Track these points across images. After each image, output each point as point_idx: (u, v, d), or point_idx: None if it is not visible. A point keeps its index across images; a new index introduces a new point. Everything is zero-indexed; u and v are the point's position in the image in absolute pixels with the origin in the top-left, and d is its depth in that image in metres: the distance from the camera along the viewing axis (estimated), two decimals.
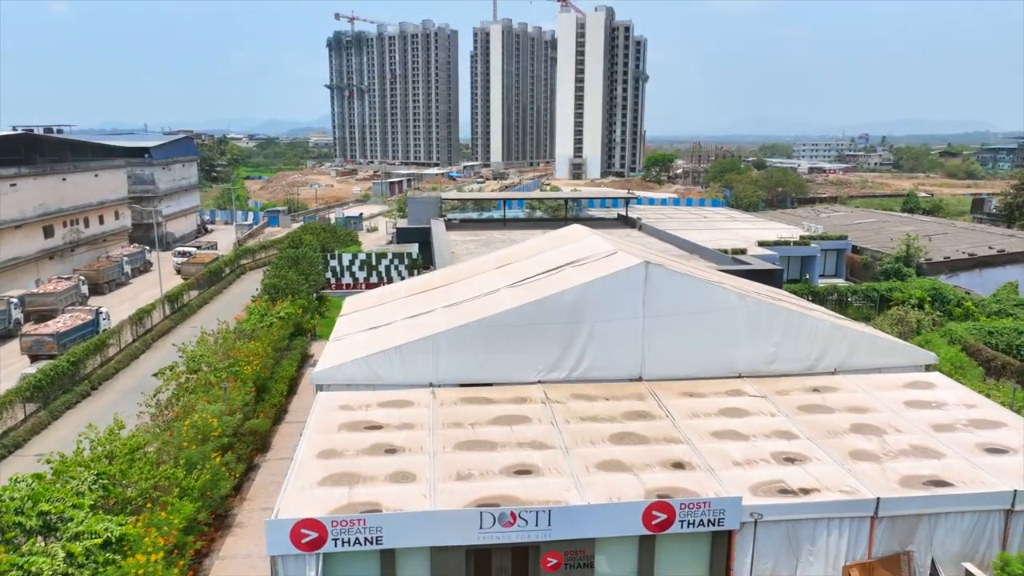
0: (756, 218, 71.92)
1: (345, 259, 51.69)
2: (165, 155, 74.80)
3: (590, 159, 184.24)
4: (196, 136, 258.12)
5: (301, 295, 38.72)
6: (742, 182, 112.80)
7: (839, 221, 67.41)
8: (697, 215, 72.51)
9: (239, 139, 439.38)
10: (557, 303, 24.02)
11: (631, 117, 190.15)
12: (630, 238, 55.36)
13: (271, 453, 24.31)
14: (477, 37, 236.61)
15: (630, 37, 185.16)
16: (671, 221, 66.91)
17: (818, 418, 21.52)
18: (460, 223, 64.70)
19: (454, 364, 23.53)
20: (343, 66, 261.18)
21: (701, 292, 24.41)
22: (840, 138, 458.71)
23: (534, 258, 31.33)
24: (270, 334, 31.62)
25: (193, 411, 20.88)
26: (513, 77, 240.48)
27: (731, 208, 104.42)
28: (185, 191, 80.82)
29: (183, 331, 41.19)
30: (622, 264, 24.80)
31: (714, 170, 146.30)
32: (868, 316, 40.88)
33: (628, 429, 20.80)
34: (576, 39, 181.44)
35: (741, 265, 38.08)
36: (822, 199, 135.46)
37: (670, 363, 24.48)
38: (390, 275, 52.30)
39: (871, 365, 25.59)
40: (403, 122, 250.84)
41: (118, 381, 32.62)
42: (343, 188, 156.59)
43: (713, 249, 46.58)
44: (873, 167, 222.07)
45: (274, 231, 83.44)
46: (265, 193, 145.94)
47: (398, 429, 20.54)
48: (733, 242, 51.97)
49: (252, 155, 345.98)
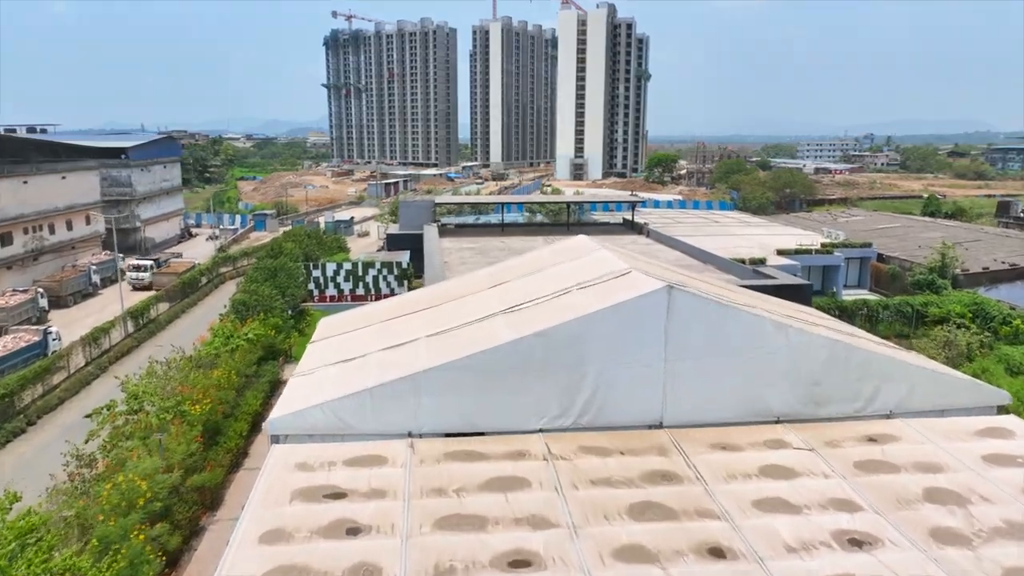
0: (769, 223, 68.21)
1: (329, 269, 47.98)
2: (144, 156, 71.16)
3: (591, 159, 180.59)
4: (190, 136, 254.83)
5: (275, 312, 35.00)
6: (750, 184, 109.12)
7: (859, 226, 63.77)
8: (707, 219, 68.82)
9: (236, 139, 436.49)
10: (562, 336, 19.97)
11: (633, 116, 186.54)
12: (637, 245, 51.72)
13: (223, 511, 20.59)
14: (476, 35, 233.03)
15: (632, 35, 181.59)
16: (680, 226, 63.20)
17: (882, 480, 17.53)
18: (455, 228, 60.99)
19: (438, 410, 19.55)
20: (340, 65, 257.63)
21: (734, 322, 20.42)
22: (843, 138, 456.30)
23: (534, 276, 27.43)
24: (233, 361, 27.91)
25: (122, 468, 17.12)
26: (513, 76, 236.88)
27: (740, 211, 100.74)
28: (167, 194, 77.16)
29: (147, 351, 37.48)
30: (640, 288, 20.75)
31: (719, 171, 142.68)
32: (902, 333, 37.20)
33: (651, 497, 16.78)
34: (577, 37, 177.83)
35: (765, 279, 34.36)
36: (831, 200, 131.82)
37: (696, 407, 20.47)
38: (378, 286, 48.58)
39: (933, 407, 21.58)
40: (401, 122, 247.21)
41: (61, 414, 28.97)
42: (338, 189, 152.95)
43: (729, 259, 42.88)
44: (880, 167, 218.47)
45: (261, 236, 79.72)
46: (257, 195, 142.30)
47: (366, 498, 16.55)
48: (749, 250, 48.29)
49: (249, 155, 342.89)
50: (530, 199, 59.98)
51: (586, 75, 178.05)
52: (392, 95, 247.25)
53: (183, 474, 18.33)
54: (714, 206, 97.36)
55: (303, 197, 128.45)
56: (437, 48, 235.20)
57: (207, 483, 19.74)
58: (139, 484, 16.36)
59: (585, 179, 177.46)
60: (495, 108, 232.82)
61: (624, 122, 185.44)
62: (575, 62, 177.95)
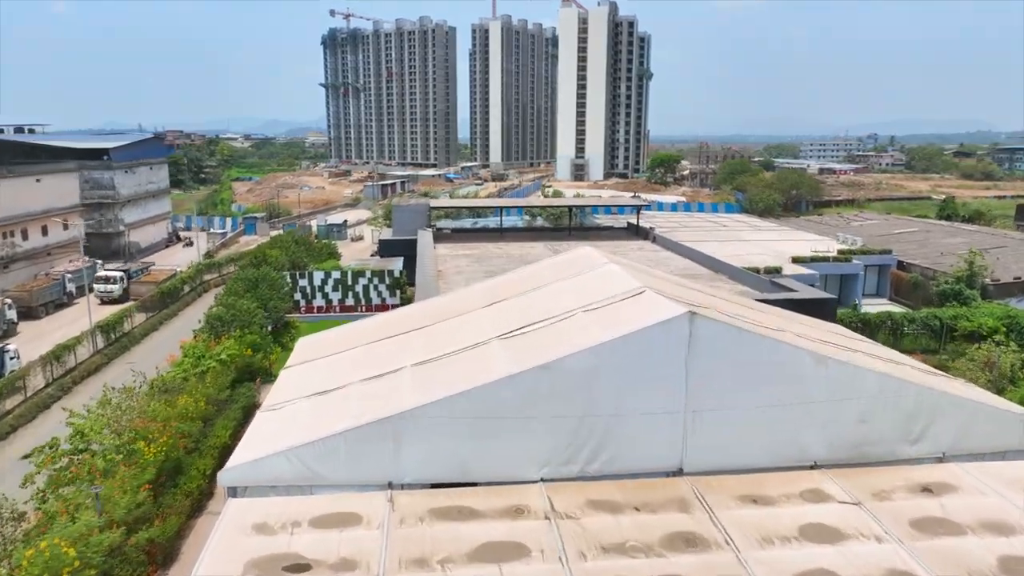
0: (779, 226, 65.60)
1: (317, 278, 45.39)
2: (128, 157, 68.53)
3: (592, 160, 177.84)
4: (186, 136, 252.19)
5: (253, 328, 32.39)
6: (755, 185, 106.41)
7: (875, 231, 61.20)
8: (715, 223, 66.25)
9: (235, 139, 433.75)
10: (568, 370, 17.23)
11: (635, 116, 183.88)
12: (643, 252, 49.13)
13: (176, 568, 17.94)
14: (476, 34, 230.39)
15: (634, 33, 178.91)
16: (686, 231, 60.63)
17: (946, 545, 14.88)
18: (451, 233, 58.40)
19: (422, 457, 16.82)
20: (338, 64, 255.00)
21: (767, 353, 17.67)
22: (845, 138, 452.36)
23: (535, 293, 24.78)
24: (202, 386, 25.35)
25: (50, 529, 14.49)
26: (513, 75, 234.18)
27: (746, 214, 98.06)
28: (153, 196, 74.57)
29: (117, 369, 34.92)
30: (656, 313, 17.99)
31: (723, 172, 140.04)
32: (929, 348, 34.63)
33: (673, 571, 14.13)
34: (578, 35, 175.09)
35: (785, 292, 31.73)
36: (838, 202, 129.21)
37: (722, 451, 17.74)
38: (368, 297, 46.00)
39: (991, 448, 18.91)
40: (400, 122, 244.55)
41: (13, 444, 26.34)
42: (335, 190, 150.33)
43: (742, 268, 40.31)
44: (885, 168, 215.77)
45: (251, 240, 77.05)
46: (252, 196, 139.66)
47: (332, 572, 13.86)
48: (761, 257, 45.73)
49: (247, 155, 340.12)
50: (530, 203, 57.39)
51: (587, 74, 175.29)
52: (391, 95, 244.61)
53: (126, 531, 15.71)
54: (720, 209, 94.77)
55: (302, 197, 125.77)
56: (436, 47, 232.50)
57: (157, 537, 17.12)
58: (65, 551, 13.75)
59: (586, 180, 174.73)
60: (495, 108, 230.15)
61: (626, 122, 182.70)
62: (576, 61, 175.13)
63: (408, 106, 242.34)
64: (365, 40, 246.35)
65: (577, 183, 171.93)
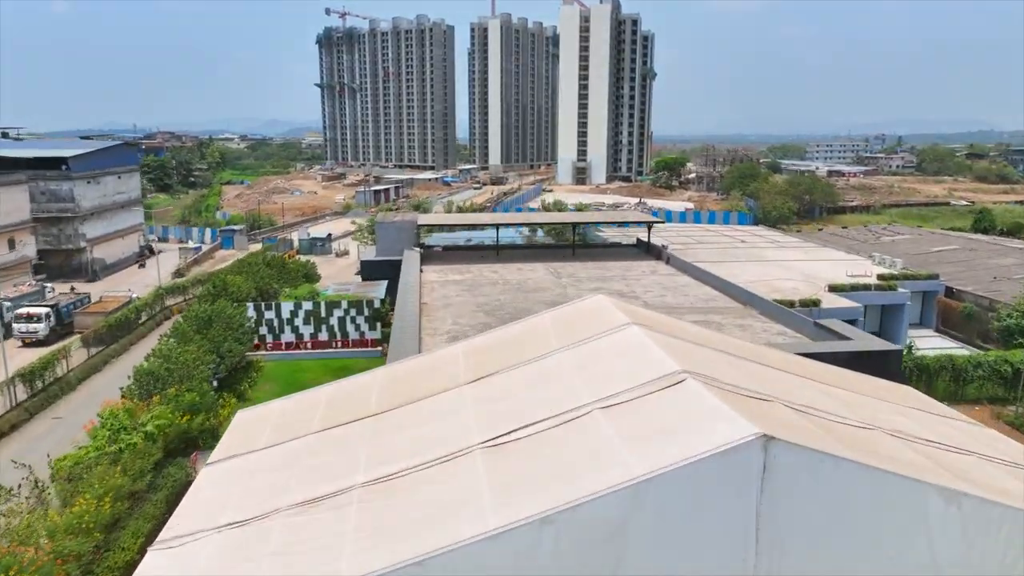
0: (802, 242, 59.75)
1: (285, 310, 39.59)
2: (91, 166, 62.76)
3: (595, 163, 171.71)
4: (176, 138, 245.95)
5: (194, 383, 26.60)
6: (768, 192, 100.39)
7: (909, 248, 55.18)
8: (731, 238, 60.41)
9: (231, 139, 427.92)
10: (581, 524, 10.73)
11: (638, 117, 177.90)
12: (658, 276, 43.24)
13: None
14: (475, 33, 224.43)
15: (637, 32, 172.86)
16: (701, 248, 54.87)
17: None
18: (442, 252, 52.66)
19: None
20: (334, 64, 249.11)
21: (874, 492, 11.20)
22: (849, 137, 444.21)
23: (533, 367, 18.65)
24: (111, 475, 19.69)
25: None
26: (512, 75, 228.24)
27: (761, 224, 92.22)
28: (122, 207, 68.78)
29: (38, 426, 29.16)
30: (710, 432, 11.53)
31: (731, 176, 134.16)
32: (996, 397, 28.92)
33: None
34: (580, 34, 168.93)
35: (838, 341, 25.81)
36: (852, 208, 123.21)
37: None
38: (345, 330, 40.20)
39: None
40: (397, 123, 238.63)
41: None
42: (327, 195, 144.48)
43: (774, 301, 34.54)
44: (895, 170, 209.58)
45: (228, 255, 71.21)
46: (240, 202, 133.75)
47: None
48: (792, 283, 40.06)
49: (243, 156, 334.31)
50: (529, 219, 51.56)
51: (589, 74, 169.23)
52: (387, 95, 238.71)
53: None
54: (732, 218, 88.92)
55: (291, 203, 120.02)
56: (434, 46, 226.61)
57: None
58: None
59: (588, 183, 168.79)
60: (494, 109, 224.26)
61: (629, 123, 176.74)
62: (577, 61, 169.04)
63: (405, 107, 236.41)
64: (361, 39, 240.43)
65: (579, 187, 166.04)
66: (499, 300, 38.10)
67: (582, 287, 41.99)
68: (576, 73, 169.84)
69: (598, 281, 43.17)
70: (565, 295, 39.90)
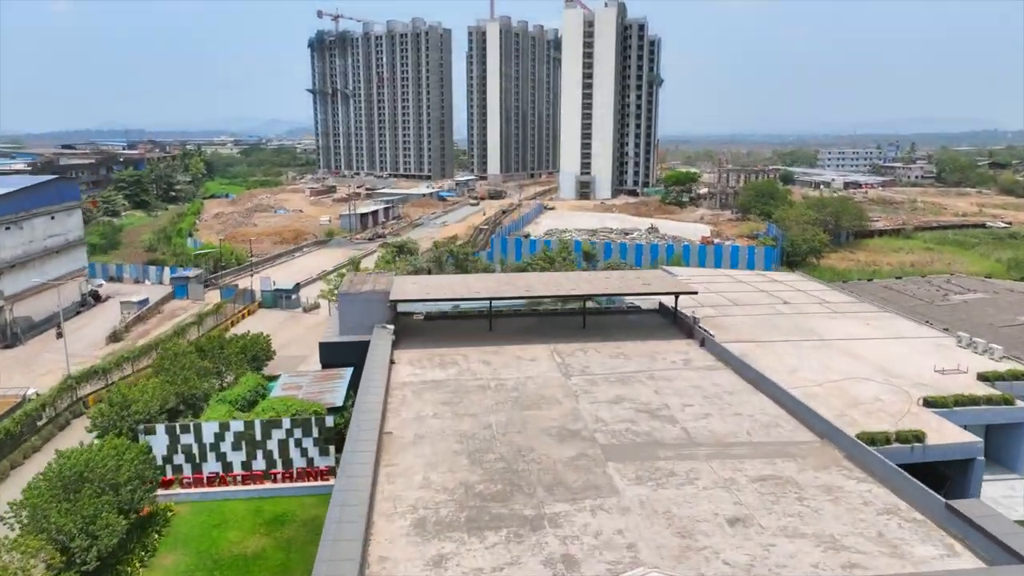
0: (856, 300, 49.98)
1: (208, 432, 29.97)
2: (10, 209, 53.17)
3: (599, 176, 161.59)
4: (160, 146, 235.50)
5: None
6: (797, 221, 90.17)
7: (988, 313, 44.90)
8: (770, 296, 50.60)
9: (224, 143, 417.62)
10: None
11: (644, 126, 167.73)
12: (693, 372, 33.10)
13: None
14: (473, 37, 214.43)
15: (644, 36, 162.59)
16: (737, 312, 45.24)
17: None
18: (422, 324, 42.95)
19: None
20: (326, 69, 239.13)
21: None
22: (853, 136, 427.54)
23: None
24: None
25: None
26: (512, 80, 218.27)
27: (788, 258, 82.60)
28: (57, 253, 59.16)
29: None
30: None
31: (748, 194, 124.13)
32: None
33: None
34: (583, 40, 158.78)
35: (993, 546, 16.11)
36: (882, 232, 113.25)
37: None
38: (288, 457, 30.53)
39: None
40: (392, 130, 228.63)
41: None
42: (313, 213, 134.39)
43: (859, 435, 25.12)
44: (914, 180, 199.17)
45: (180, 307, 61.26)
46: (218, 223, 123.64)
47: None
48: (868, 385, 30.65)
49: (235, 163, 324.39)
50: (531, 289, 41.60)
51: (593, 82, 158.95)
52: (382, 101, 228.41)
53: None
54: (758, 255, 78.96)
55: (264, 229, 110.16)
56: (430, 51, 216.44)
57: None
58: None
59: (592, 198, 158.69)
60: (493, 115, 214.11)
61: (635, 134, 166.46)
62: (581, 68, 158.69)
63: (400, 114, 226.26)
64: (354, 43, 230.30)
65: (582, 202, 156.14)
66: (490, 427, 28.50)
67: (598, 393, 32.31)
68: (579, 81, 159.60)
69: (618, 384, 33.43)
70: (577, 411, 30.24)
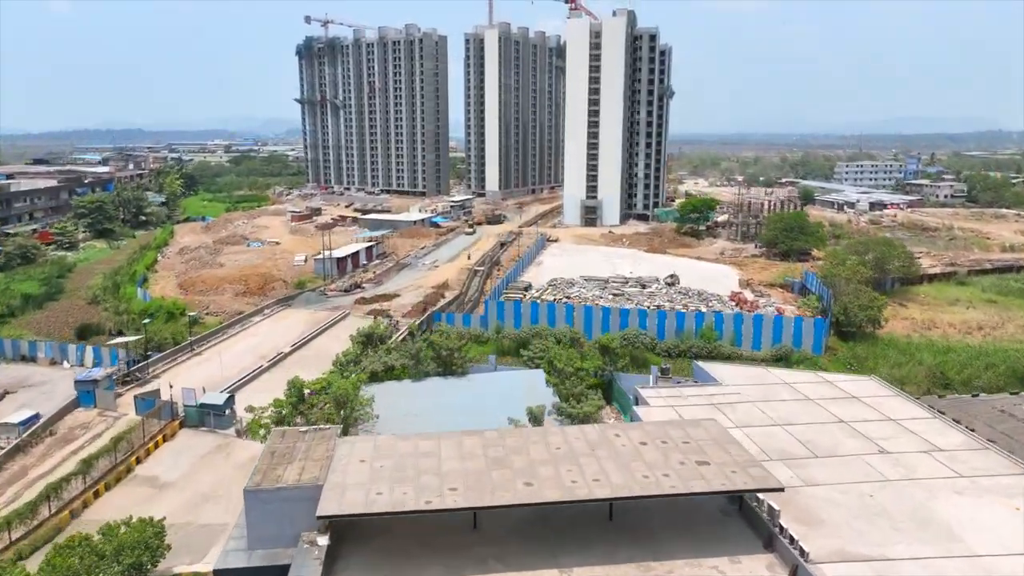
0: (974, 441, 36.80)
1: None
2: None
3: (606, 201, 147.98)
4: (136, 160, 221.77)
5: None
6: (845, 277, 76.53)
7: None
8: (851, 426, 37.40)
9: (215, 151, 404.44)
10: None
11: (655, 145, 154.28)
12: None
13: None
14: (470, 44, 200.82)
15: (655, 48, 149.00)
16: (820, 476, 31.96)
17: None
18: (378, 523, 29.69)
19: None
20: (315, 77, 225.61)
21: None
22: (857, 136, 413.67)
23: None
24: None
25: None
26: (512, 91, 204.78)
27: (839, 325, 69.22)
28: None
29: None
30: None
31: (774, 228, 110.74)
32: None
33: None
34: (590, 52, 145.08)
35: None
36: (931, 276, 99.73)
37: None
38: None
39: None
40: (384, 143, 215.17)
41: None
42: (291, 246, 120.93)
43: None
44: (943, 200, 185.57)
45: (83, 423, 47.57)
46: (181, 261, 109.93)
47: None
48: None
49: (224, 172, 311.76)
50: (534, 496, 28.23)
51: (600, 98, 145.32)
52: (373, 113, 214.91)
53: None
54: (806, 326, 65.36)
55: (230, 272, 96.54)
56: (425, 59, 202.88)
57: None
58: None
59: (599, 224, 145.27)
60: (491, 127, 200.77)
61: (646, 153, 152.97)
62: (587, 84, 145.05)
63: (393, 126, 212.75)
64: (344, 50, 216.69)
65: (588, 229, 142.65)
66: None
67: None
68: (585, 97, 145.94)
69: None
70: None
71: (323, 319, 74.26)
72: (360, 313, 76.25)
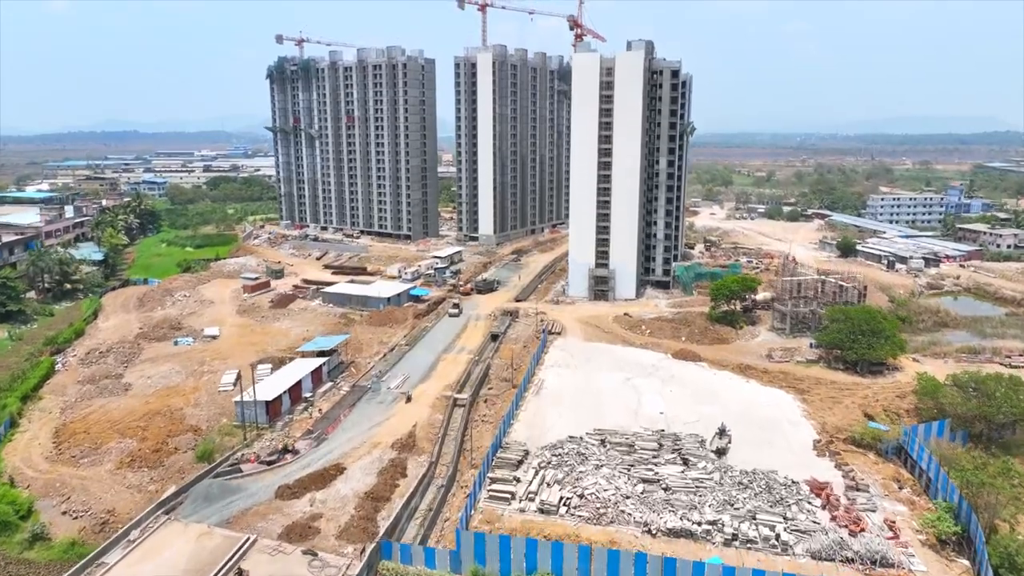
0: None
1: None
2: None
3: (620, 270, 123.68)
4: (77, 207, 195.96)
5: None
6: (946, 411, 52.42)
7: None
8: None
9: (193, 170, 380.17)
10: None
11: (676, 193, 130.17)
12: None
13: None
14: (460, 69, 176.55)
15: (678, 85, 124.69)
16: None
17: None
18: None
19: None
20: (288, 103, 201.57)
21: None
22: (861, 137, 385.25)
23: None
24: None
25: None
26: (508, 122, 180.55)
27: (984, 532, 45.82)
28: None
29: None
30: None
31: (838, 329, 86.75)
32: None
33: None
34: (600, 92, 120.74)
35: None
36: None
37: None
38: None
39: None
40: (364, 178, 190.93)
41: None
42: (232, 340, 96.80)
43: None
44: (1007, 252, 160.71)
45: None
46: (78, 378, 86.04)
47: None
48: None
49: (199, 198, 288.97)
50: None
51: (612, 147, 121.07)
52: (352, 144, 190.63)
53: None
54: None
55: (123, 417, 72.42)
56: (409, 86, 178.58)
57: None
58: None
59: (611, 297, 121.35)
60: (485, 163, 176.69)
61: (667, 210, 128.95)
62: (596, 127, 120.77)
63: (375, 160, 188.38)
64: (320, 74, 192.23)
65: (598, 307, 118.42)
66: None
67: None
68: (594, 146, 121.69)
69: None
70: None
71: (212, 559, 49.95)
72: (272, 537, 52.38)
